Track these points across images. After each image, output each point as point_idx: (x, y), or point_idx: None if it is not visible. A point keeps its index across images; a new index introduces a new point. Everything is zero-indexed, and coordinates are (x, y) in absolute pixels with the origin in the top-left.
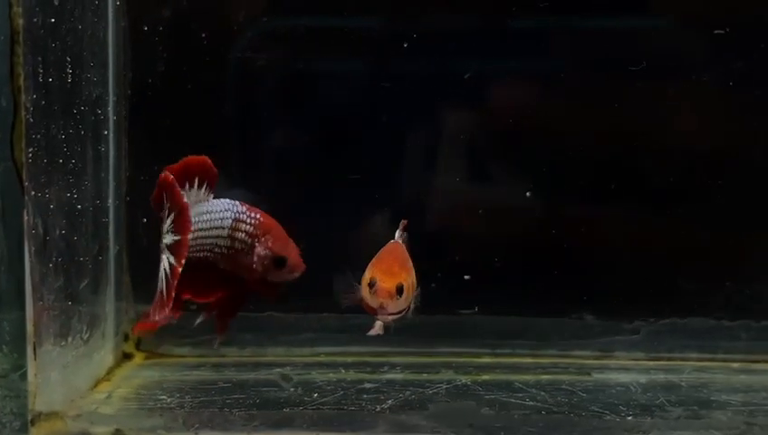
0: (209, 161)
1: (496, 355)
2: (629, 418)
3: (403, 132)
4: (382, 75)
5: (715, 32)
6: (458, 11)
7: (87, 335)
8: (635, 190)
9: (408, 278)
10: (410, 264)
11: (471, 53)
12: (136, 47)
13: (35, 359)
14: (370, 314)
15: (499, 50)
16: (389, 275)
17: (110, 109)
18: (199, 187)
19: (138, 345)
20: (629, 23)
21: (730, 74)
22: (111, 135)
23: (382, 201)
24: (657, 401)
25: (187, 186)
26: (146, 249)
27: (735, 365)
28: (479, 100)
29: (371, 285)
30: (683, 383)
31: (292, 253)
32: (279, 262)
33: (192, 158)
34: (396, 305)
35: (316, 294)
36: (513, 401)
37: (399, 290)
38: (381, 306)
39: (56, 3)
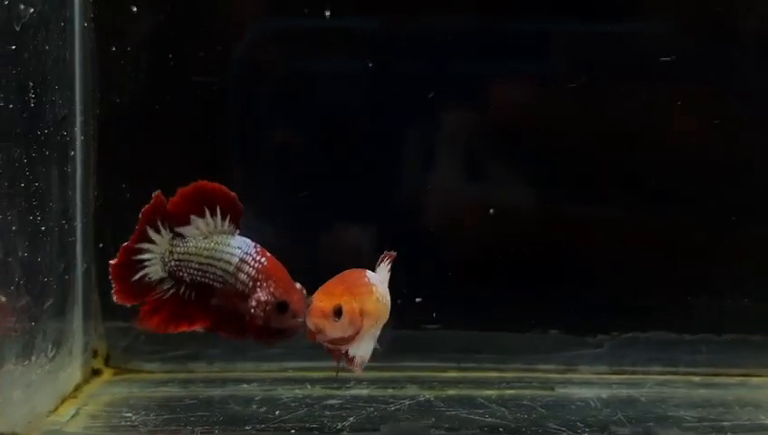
0: (236, 197)
1: (462, 369)
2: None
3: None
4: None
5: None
6: (456, 11)
7: (52, 353)
8: (598, 206)
9: (354, 304)
10: (371, 291)
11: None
12: (104, 68)
13: None
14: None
15: (489, 51)
16: (328, 295)
17: (77, 129)
18: (223, 218)
19: (107, 361)
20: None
21: None
22: (79, 155)
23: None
24: (615, 418)
25: (208, 213)
26: None
27: (696, 379)
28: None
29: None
30: (643, 398)
31: (295, 297)
32: (281, 307)
33: (219, 188)
34: (333, 329)
35: None
36: (472, 417)
37: (338, 312)
38: (316, 328)
39: (17, 29)
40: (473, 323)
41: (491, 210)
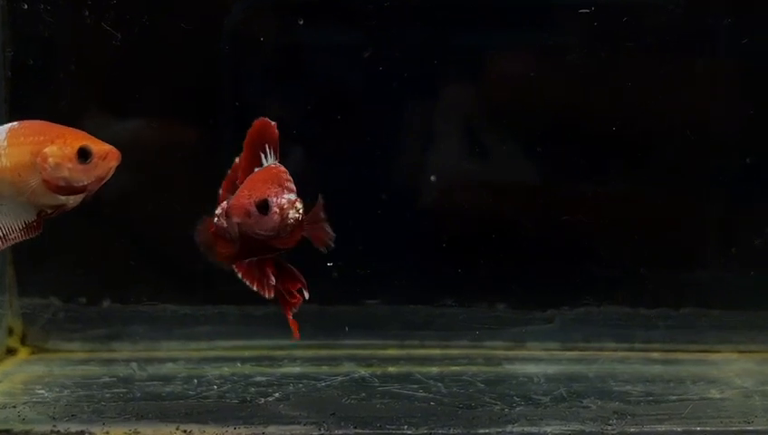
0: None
1: (404, 347)
2: (518, 408)
3: None
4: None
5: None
6: None
7: None
8: (546, 174)
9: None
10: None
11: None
12: (16, 26)
13: None
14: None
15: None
16: (82, 138)
17: None
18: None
19: (23, 340)
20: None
21: None
22: None
23: None
24: (555, 392)
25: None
26: (31, 240)
27: (655, 355)
28: None
29: (85, 154)
30: (591, 374)
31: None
32: (261, 206)
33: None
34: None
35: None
36: (403, 392)
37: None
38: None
39: None
40: (417, 298)
41: (432, 177)
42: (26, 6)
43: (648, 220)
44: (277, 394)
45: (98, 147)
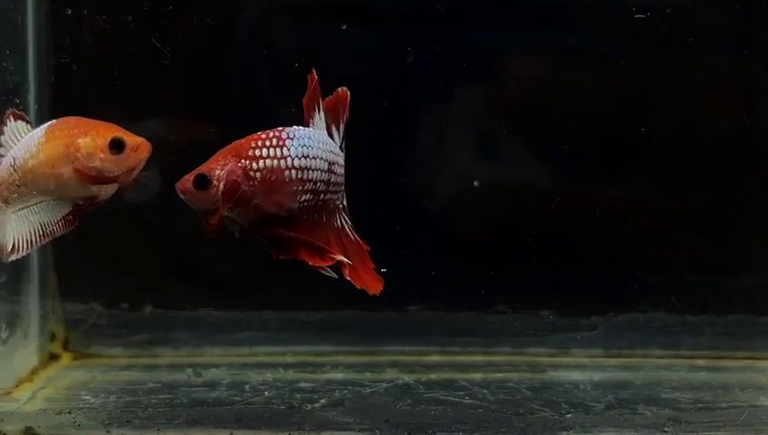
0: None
1: (445, 353)
2: (568, 416)
3: None
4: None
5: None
6: None
7: (6, 335)
8: (595, 182)
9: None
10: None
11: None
12: (59, 33)
13: None
14: None
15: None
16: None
17: (31, 97)
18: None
19: (65, 346)
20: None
21: None
22: (34, 125)
23: None
24: (603, 399)
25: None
26: (73, 244)
27: (700, 362)
28: None
29: (119, 145)
30: (638, 381)
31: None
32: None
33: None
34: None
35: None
36: (450, 398)
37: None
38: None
39: None
40: (459, 305)
41: (476, 183)
42: (70, 12)
43: (695, 226)
44: (323, 400)
45: (130, 139)
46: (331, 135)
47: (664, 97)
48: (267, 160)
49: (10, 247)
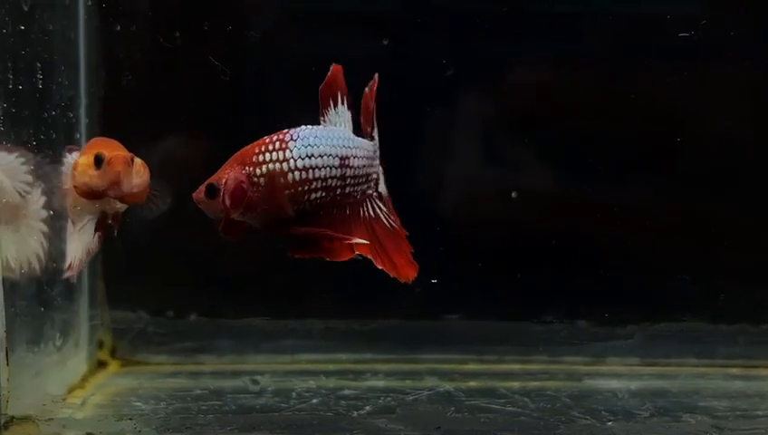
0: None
1: (483, 362)
2: (609, 423)
3: None
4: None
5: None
6: None
7: (60, 342)
8: (629, 191)
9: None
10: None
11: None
12: (109, 47)
13: (7, 364)
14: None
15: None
16: (117, 149)
17: (82, 111)
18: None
19: (113, 353)
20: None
21: None
22: (84, 138)
23: None
24: (642, 407)
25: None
26: (121, 254)
27: (734, 371)
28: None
29: (99, 160)
30: (675, 389)
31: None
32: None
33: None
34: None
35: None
36: (493, 406)
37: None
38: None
39: (25, 8)
40: (496, 313)
41: (513, 194)
42: (119, 28)
43: (729, 235)
44: (368, 407)
45: (110, 154)
46: (364, 129)
47: (699, 104)
48: (270, 165)
49: (77, 263)
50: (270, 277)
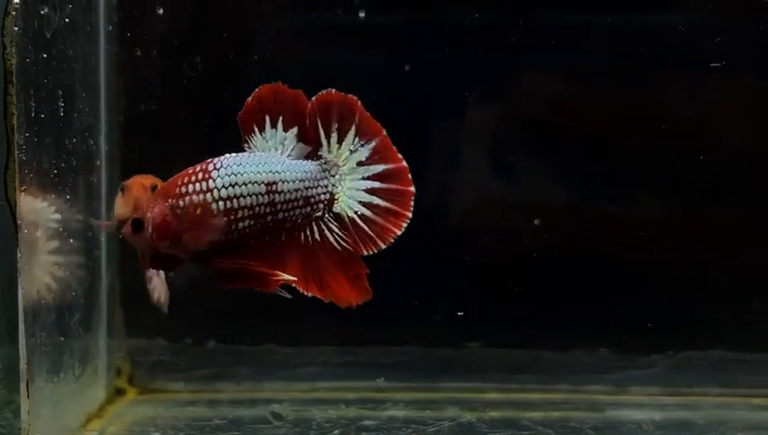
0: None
1: (504, 391)
2: None
3: None
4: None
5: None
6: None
7: (79, 371)
8: (651, 214)
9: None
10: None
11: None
12: (129, 74)
13: (28, 397)
14: None
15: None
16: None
17: (102, 138)
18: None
19: (131, 381)
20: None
21: None
22: (104, 165)
23: None
24: None
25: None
26: (139, 281)
27: (757, 401)
28: None
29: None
30: (700, 421)
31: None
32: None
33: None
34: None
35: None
36: None
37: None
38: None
39: (48, 36)
40: (516, 341)
41: (536, 221)
42: (139, 53)
43: (754, 262)
44: None
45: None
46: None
47: (728, 125)
48: (194, 196)
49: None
50: (288, 304)
